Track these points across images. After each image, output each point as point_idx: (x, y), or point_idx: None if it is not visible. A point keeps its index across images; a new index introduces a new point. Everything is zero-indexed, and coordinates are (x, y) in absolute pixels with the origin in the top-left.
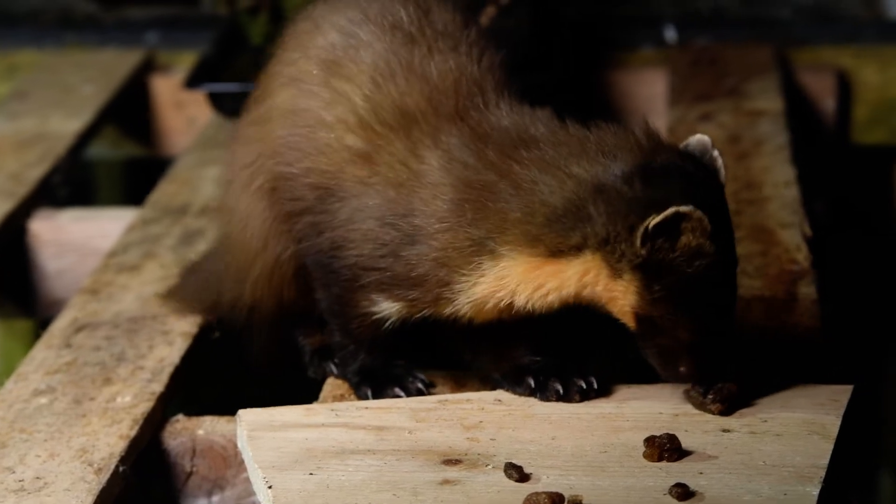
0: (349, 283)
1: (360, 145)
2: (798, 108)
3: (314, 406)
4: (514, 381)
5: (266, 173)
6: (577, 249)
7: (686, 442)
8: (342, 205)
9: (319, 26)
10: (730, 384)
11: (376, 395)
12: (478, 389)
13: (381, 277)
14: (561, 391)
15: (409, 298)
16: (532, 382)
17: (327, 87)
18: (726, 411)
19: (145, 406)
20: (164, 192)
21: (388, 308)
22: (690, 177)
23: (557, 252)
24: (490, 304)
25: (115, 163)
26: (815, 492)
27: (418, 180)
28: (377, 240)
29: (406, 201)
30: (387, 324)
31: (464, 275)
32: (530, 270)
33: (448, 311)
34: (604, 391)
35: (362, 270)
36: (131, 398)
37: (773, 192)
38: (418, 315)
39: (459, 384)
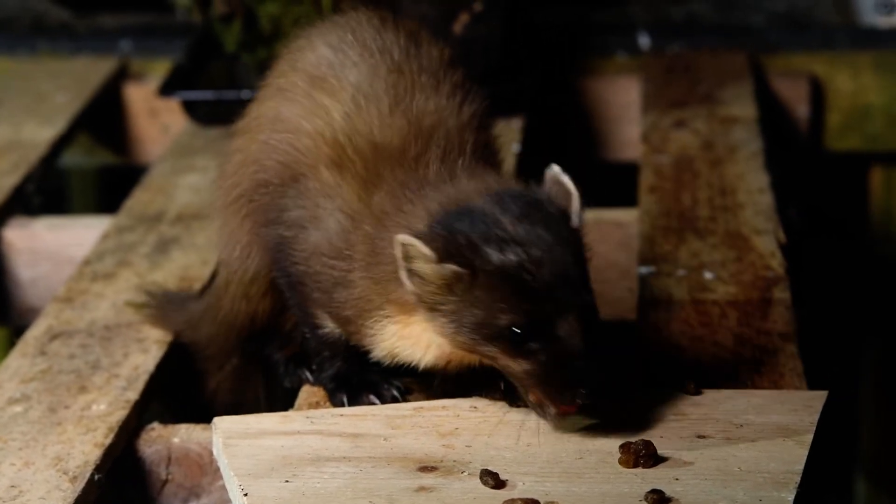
0: (300, 289)
1: (333, 157)
2: (771, 115)
3: (290, 413)
4: (487, 386)
5: (247, 181)
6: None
7: (661, 448)
8: (298, 198)
9: (312, 43)
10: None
11: (352, 402)
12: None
13: (322, 298)
14: None
15: (347, 331)
16: (503, 385)
17: (309, 99)
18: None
19: (120, 414)
20: (139, 199)
21: (333, 328)
22: (472, 214)
23: (408, 309)
24: (400, 359)
25: (88, 171)
26: (791, 497)
27: (356, 221)
28: (322, 267)
29: (345, 239)
30: (339, 341)
31: (371, 327)
32: (403, 329)
33: (376, 356)
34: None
35: (308, 281)
36: (106, 406)
37: (748, 198)
38: (361, 349)
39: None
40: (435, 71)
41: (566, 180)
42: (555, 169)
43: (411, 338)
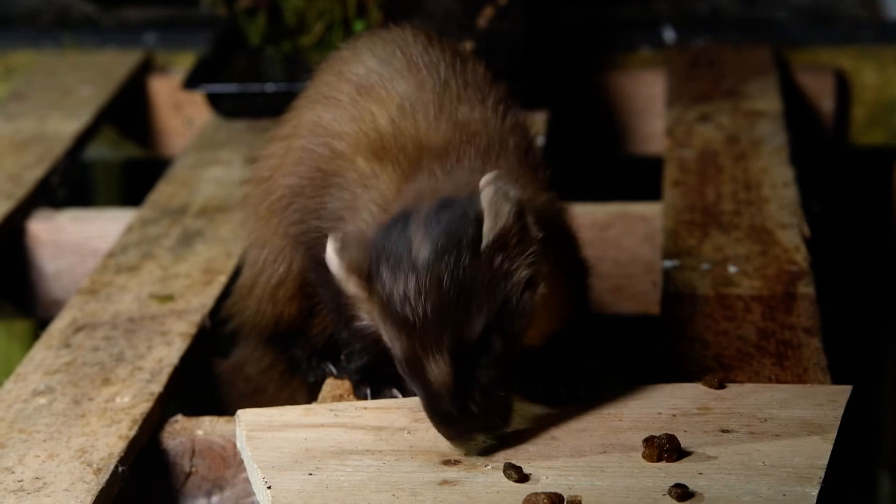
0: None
1: (375, 149)
2: (796, 109)
3: (313, 406)
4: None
5: (282, 187)
6: None
7: (685, 442)
8: (337, 191)
9: (359, 53)
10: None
11: (375, 395)
12: None
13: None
14: (561, 391)
15: (373, 332)
16: (530, 381)
17: (356, 105)
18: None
19: (144, 406)
20: (163, 192)
21: (369, 322)
22: (399, 226)
23: None
24: None
25: (113, 164)
26: (814, 492)
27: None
28: None
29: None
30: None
31: None
32: None
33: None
34: (603, 392)
35: None
36: (130, 398)
37: (772, 192)
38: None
39: None
40: (480, 86)
41: (485, 198)
42: (483, 180)
43: None
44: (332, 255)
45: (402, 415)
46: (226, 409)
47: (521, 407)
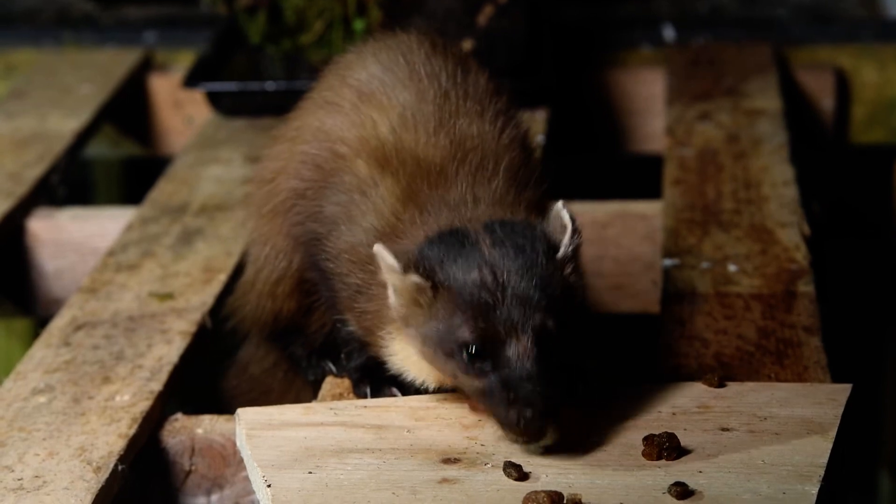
0: (331, 286)
1: (377, 156)
2: (796, 108)
3: (313, 405)
4: None
5: (285, 191)
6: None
7: (685, 441)
8: (334, 195)
9: (363, 59)
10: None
11: (374, 394)
12: None
13: (347, 301)
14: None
15: (366, 340)
16: None
17: (357, 112)
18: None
19: (144, 405)
20: (163, 191)
21: (356, 330)
22: (459, 235)
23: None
24: (407, 377)
25: (113, 162)
26: (814, 491)
27: (384, 234)
28: (348, 270)
29: (371, 250)
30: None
31: (383, 340)
32: (404, 346)
33: (390, 371)
34: (603, 391)
35: (336, 280)
36: (130, 397)
37: (772, 191)
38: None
39: None
40: (480, 98)
41: (565, 215)
42: (558, 205)
43: (410, 356)
44: (386, 256)
45: (402, 413)
46: (230, 410)
47: None
